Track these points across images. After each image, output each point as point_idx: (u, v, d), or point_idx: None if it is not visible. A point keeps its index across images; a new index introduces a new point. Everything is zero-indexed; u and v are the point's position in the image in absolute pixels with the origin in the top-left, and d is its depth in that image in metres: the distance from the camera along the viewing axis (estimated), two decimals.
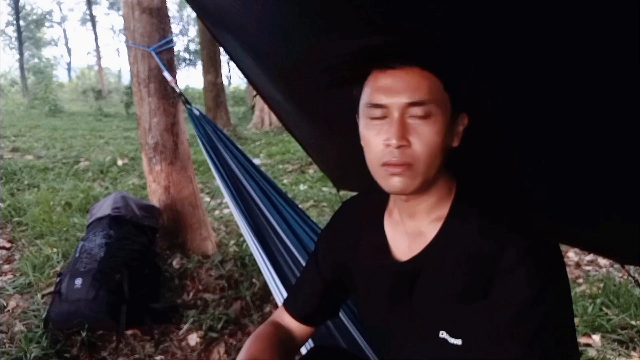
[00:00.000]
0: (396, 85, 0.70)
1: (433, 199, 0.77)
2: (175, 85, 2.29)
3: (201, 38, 8.93)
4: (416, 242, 0.79)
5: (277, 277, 1.56)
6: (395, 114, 0.70)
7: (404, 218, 0.81)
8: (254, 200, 1.82)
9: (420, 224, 0.79)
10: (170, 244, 2.74)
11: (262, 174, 1.92)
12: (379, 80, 0.72)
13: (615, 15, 0.51)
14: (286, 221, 1.76)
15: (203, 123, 1.96)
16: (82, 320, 1.88)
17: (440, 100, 0.70)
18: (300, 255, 1.67)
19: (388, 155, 0.71)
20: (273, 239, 1.73)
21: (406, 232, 0.81)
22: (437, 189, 0.77)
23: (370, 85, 0.73)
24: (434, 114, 0.69)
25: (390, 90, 0.70)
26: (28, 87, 20.43)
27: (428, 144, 0.70)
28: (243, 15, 1.13)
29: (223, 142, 1.94)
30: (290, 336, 0.97)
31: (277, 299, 1.55)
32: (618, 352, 1.89)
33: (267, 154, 6.67)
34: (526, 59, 0.68)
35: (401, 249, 0.82)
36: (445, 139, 0.71)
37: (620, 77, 0.61)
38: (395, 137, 0.69)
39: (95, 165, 5.46)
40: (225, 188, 1.80)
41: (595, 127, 0.75)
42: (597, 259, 2.79)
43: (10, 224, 3.41)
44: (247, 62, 1.57)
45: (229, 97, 13.57)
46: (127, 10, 2.45)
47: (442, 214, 0.77)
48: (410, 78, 0.69)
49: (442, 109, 0.70)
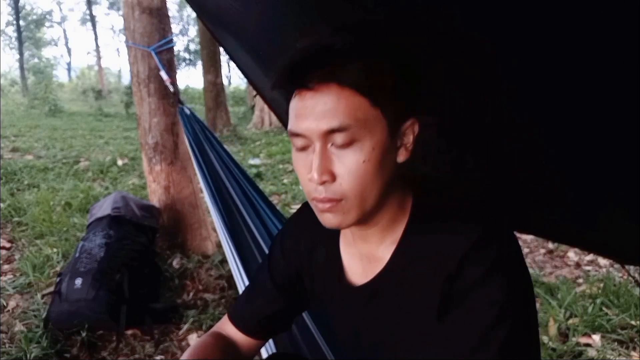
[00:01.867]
0: (313, 109, 0.59)
1: (384, 222, 0.70)
2: (170, 85, 2.29)
3: (201, 38, 8.94)
4: (371, 266, 0.73)
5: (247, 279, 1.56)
6: (317, 144, 0.60)
7: (357, 241, 0.75)
8: (234, 202, 1.84)
9: (374, 247, 0.72)
10: (170, 244, 2.75)
11: (247, 177, 1.95)
12: (299, 101, 0.62)
13: (614, 13, 0.51)
14: (265, 226, 1.77)
15: (192, 122, 2.00)
16: (82, 320, 1.88)
17: (367, 120, 0.59)
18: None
19: (313, 191, 0.63)
20: (249, 242, 1.74)
21: (360, 255, 0.75)
22: (387, 211, 0.69)
23: (293, 106, 0.63)
24: (359, 138, 0.59)
25: (306, 115, 0.60)
26: (28, 87, 20.45)
27: (356, 175, 0.60)
28: (243, 15, 1.13)
29: (210, 142, 1.98)
30: (234, 350, 0.87)
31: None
32: (618, 352, 1.89)
33: (267, 154, 6.67)
34: (525, 56, 0.68)
35: (356, 272, 0.76)
36: (383, 160, 0.61)
37: (619, 74, 0.61)
38: (317, 172, 0.60)
39: (95, 165, 5.46)
40: (206, 186, 1.83)
41: (595, 127, 0.75)
42: (597, 259, 2.79)
43: (10, 224, 3.41)
44: (247, 62, 1.57)
45: (229, 97, 13.58)
46: (127, 10, 2.45)
47: (397, 236, 0.70)
48: (329, 100, 0.58)
49: (371, 129, 0.60)
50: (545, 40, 0.61)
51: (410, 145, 0.65)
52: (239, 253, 1.63)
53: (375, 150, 0.60)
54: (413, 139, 0.65)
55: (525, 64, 0.69)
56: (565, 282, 2.44)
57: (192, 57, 25.20)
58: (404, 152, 0.65)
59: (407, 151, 0.65)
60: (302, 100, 0.61)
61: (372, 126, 0.60)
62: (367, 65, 0.59)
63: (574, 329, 2.00)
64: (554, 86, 0.70)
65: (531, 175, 1.00)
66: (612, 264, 2.70)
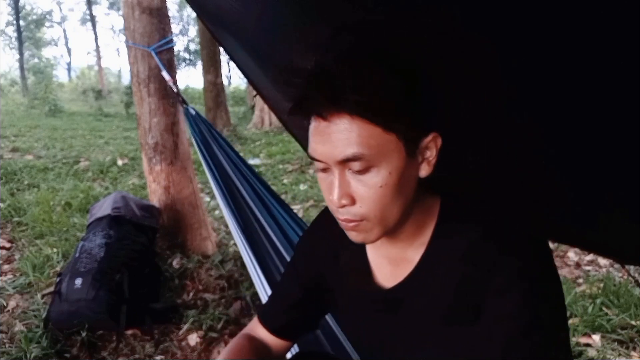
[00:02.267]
0: (328, 138, 0.60)
1: (413, 227, 0.71)
2: (173, 85, 2.29)
3: (201, 38, 8.93)
4: (400, 269, 0.73)
5: (264, 279, 1.56)
6: (335, 170, 0.62)
7: (384, 243, 0.75)
8: (245, 201, 1.83)
9: (402, 250, 0.73)
10: (170, 244, 2.74)
11: (256, 175, 1.92)
12: (315, 129, 0.63)
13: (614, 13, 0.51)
14: (277, 223, 1.76)
15: (198, 123, 1.98)
16: (82, 320, 1.88)
17: (381, 146, 0.59)
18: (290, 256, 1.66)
19: (335, 211, 0.65)
20: (262, 240, 1.73)
21: (388, 257, 0.76)
22: (415, 217, 0.70)
23: (311, 131, 0.64)
24: (375, 164, 0.60)
25: (323, 144, 0.61)
26: (28, 87, 20.44)
27: (374, 199, 0.62)
28: (243, 15, 1.13)
29: (217, 142, 1.95)
30: (266, 351, 0.90)
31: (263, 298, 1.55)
32: (618, 352, 1.89)
33: (267, 154, 6.67)
34: (524, 57, 0.68)
35: (384, 275, 0.77)
36: (401, 182, 0.62)
37: (619, 74, 0.61)
38: (336, 196, 0.62)
39: (95, 165, 5.46)
40: (217, 187, 1.81)
41: (595, 127, 0.75)
42: (597, 259, 2.79)
43: (10, 224, 3.41)
44: (247, 62, 1.57)
45: (229, 97, 13.58)
46: (127, 10, 2.45)
47: (426, 239, 0.71)
48: (341, 129, 0.59)
49: (386, 155, 0.60)
50: (545, 40, 0.61)
51: (433, 158, 0.66)
52: (253, 251, 1.62)
53: (392, 174, 0.61)
54: (436, 152, 0.65)
55: (525, 64, 0.69)
56: (565, 282, 2.44)
57: (192, 57, 25.20)
58: (426, 166, 0.66)
59: (429, 165, 0.66)
60: (317, 127, 0.62)
61: (387, 151, 0.60)
62: (374, 93, 0.59)
63: (574, 329, 2.00)
64: (554, 86, 0.70)
65: (531, 175, 1.00)
66: (612, 264, 2.70)
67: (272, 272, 1.64)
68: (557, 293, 0.65)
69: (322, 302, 0.89)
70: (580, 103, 0.71)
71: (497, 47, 0.68)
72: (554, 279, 0.65)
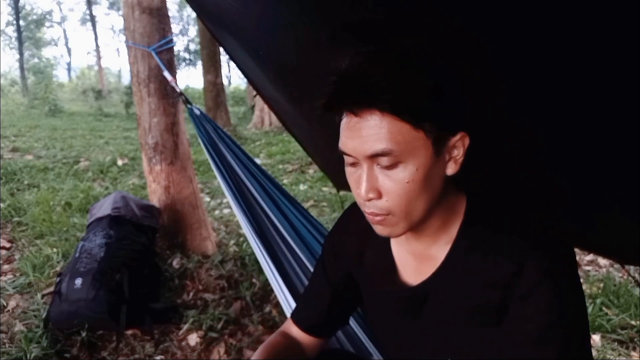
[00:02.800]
0: (359, 134, 0.63)
1: (438, 223, 0.72)
2: (175, 85, 2.29)
3: (201, 38, 8.93)
4: (425, 265, 0.74)
5: (279, 277, 1.55)
6: (364, 164, 0.64)
7: (411, 241, 0.76)
8: (256, 200, 1.81)
9: (427, 246, 0.74)
10: (170, 244, 2.74)
11: (265, 172, 1.91)
12: (346, 124, 0.65)
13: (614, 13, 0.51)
14: (289, 220, 1.75)
15: (204, 122, 1.96)
16: (82, 320, 1.88)
17: (409, 143, 0.61)
18: (304, 254, 1.65)
19: (363, 205, 0.68)
20: (275, 239, 1.72)
21: (413, 253, 0.77)
22: (440, 214, 0.71)
23: (342, 126, 0.66)
24: (403, 160, 0.62)
25: (353, 139, 0.64)
26: (28, 87, 20.42)
27: (400, 194, 0.63)
28: (243, 15, 1.13)
29: (224, 141, 1.93)
30: (299, 349, 0.92)
31: (280, 299, 1.54)
32: (618, 352, 1.89)
33: (267, 154, 6.67)
34: (524, 58, 0.68)
35: (409, 272, 0.78)
36: (428, 178, 0.64)
37: (618, 75, 0.61)
38: (364, 190, 0.64)
39: (95, 165, 5.46)
40: (227, 188, 1.79)
41: (595, 127, 0.75)
42: (597, 259, 2.78)
43: (10, 224, 3.41)
44: (247, 62, 1.57)
45: (229, 97, 13.58)
46: (127, 10, 2.45)
47: (451, 237, 0.72)
48: (372, 125, 0.61)
49: (414, 151, 0.62)
50: (545, 41, 0.61)
51: (460, 157, 0.67)
52: (267, 250, 1.62)
53: (419, 170, 0.63)
54: (464, 151, 0.67)
55: (525, 64, 0.69)
56: None
57: (192, 57, 25.18)
58: (453, 165, 0.67)
59: (456, 164, 0.67)
60: (348, 123, 0.64)
61: (415, 148, 0.62)
62: (405, 91, 0.61)
63: None
64: (555, 87, 0.70)
65: (531, 175, 1.00)
66: (612, 264, 2.70)
67: (286, 269, 1.63)
68: (580, 295, 0.66)
69: (352, 299, 0.91)
70: (581, 104, 0.71)
71: (498, 47, 0.68)
72: (578, 281, 0.66)
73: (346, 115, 0.65)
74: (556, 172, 0.92)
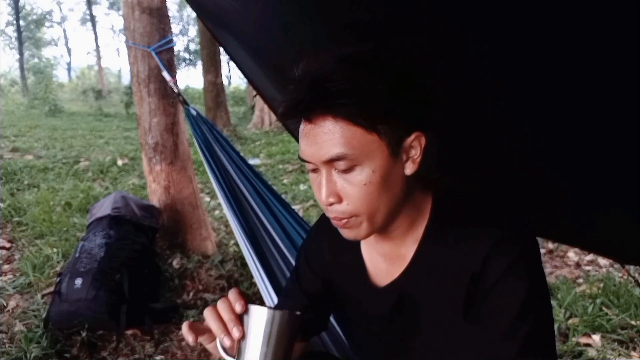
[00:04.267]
0: (314, 140, 0.63)
1: (406, 223, 0.72)
2: (174, 86, 2.29)
3: (201, 38, 8.93)
4: (394, 266, 0.75)
5: (267, 279, 1.56)
6: (322, 170, 0.65)
7: (380, 241, 0.77)
8: (247, 201, 1.83)
9: (396, 247, 0.75)
10: (170, 244, 2.75)
11: (258, 175, 1.92)
12: (302, 132, 0.65)
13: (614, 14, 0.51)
14: (280, 223, 1.76)
15: (200, 123, 1.97)
16: (82, 320, 1.88)
17: (364, 146, 0.62)
18: (293, 257, 1.67)
19: (326, 210, 0.68)
20: (265, 240, 1.73)
21: (384, 255, 0.77)
22: (407, 214, 0.71)
23: (300, 134, 0.66)
24: (359, 163, 0.62)
25: (310, 145, 0.64)
26: (28, 87, 20.43)
27: (359, 196, 0.64)
28: (243, 15, 1.13)
29: (219, 142, 1.95)
30: None
31: (267, 300, 1.55)
32: (618, 352, 1.89)
33: (267, 154, 6.67)
34: (522, 58, 0.68)
35: (380, 273, 0.78)
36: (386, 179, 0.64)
37: (618, 77, 0.61)
38: (324, 195, 0.65)
39: (95, 165, 5.46)
40: (219, 188, 1.81)
41: (595, 128, 0.75)
42: (597, 259, 2.78)
43: (10, 224, 3.41)
44: (247, 62, 1.57)
45: (229, 97, 13.58)
46: (127, 10, 2.45)
47: (418, 236, 0.72)
48: (326, 131, 0.62)
49: (369, 154, 0.62)
50: (545, 42, 0.61)
51: (417, 157, 0.67)
52: (255, 251, 1.63)
53: (375, 172, 0.63)
54: (420, 151, 0.67)
55: (525, 65, 0.69)
56: (565, 282, 2.44)
57: (192, 57, 25.18)
58: (411, 165, 0.67)
59: (414, 164, 0.67)
60: (304, 130, 0.65)
61: (369, 151, 0.62)
62: (358, 96, 0.60)
63: (574, 329, 2.00)
64: (555, 88, 0.70)
65: (531, 175, 1.00)
66: (612, 264, 2.70)
67: (274, 271, 1.64)
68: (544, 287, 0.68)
69: (329, 304, 0.91)
70: (581, 104, 0.71)
71: (498, 47, 0.68)
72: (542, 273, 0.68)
73: (303, 122, 0.65)
74: (556, 172, 0.92)
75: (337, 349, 1.38)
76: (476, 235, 0.67)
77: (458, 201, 0.73)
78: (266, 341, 0.62)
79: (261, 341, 0.62)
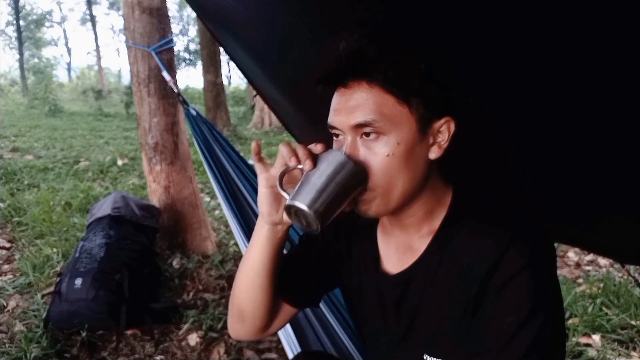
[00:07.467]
0: (346, 105, 0.64)
1: (421, 212, 0.72)
2: (173, 86, 2.29)
3: (201, 38, 8.93)
4: (406, 256, 0.75)
5: None
6: (348, 137, 0.66)
7: (395, 230, 0.77)
8: (247, 202, 1.83)
9: (410, 237, 0.75)
10: (170, 244, 2.75)
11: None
12: (336, 98, 0.67)
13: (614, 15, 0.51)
14: None
15: (199, 123, 1.98)
16: (82, 320, 1.88)
17: (393, 116, 0.63)
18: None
19: None
20: None
21: (397, 245, 0.77)
22: (425, 202, 0.71)
23: (332, 103, 0.68)
24: (385, 133, 0.63)
25: (339, 111, 0.65)
26: (28, 87, 20.43)
27: (380, 167, 0.64)
28: (243, 16, 1.13)
29: (219, 142, 1.96)
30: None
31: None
32: (618, 352, 1.89)
33: (267, 154, 6.67)
34: (521, 58, 0.68)
35: (391, 262, 0.78)
36: (409, 155, 0.64)
37: (619, 76, 0.61)
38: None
39: (95, 165, 5.46)
40: (219, 188, 1.82)
41: (596, 128, 0.75)
42: (597, 259, 2.79)
43: (10, 224, 3.41)
44: (247, 62, 1.57)
45: (229, 97, 13.57)
46: (127, 10, 2.45)
47: (434, 227, 0.72)
48: (358, 97, 0.63)
49: (397, 126, 0.63)
50: (545, 43, 0.61)
51: (444, 143, 0.67)
52: None
53: (400, 145, 0.64)
54: (448, 137, 0.67)
55: (526, 65, 0.69)
56: (565, 282, 2.44)
57: (192, 57, 25.17)
58: (436, 149, 0.67)
59: (440, 149, 0.67)
60: (338, 97, 0.66)
61: (398, 122, 0.63)
62: (395, 64, 0.63)
63: (574, 329, 2.00)
64: (557, 89, 0.70)
65: (531, 176, 1.00)
66: (612, 264, 2.70)
67: None
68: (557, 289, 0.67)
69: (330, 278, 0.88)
70: (582, 106, 0.71)
71: (498, 47, 0.68)
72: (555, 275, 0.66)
73: (337, 91, 0.67)
74: (557, 173, 0.92)
75: (337, 349, 1.38)
76: (492, 234, 0.66)
77: (478, 199, 0.72)
78: (328, 182, 0.63)
79: (323, 181, 0.63)
